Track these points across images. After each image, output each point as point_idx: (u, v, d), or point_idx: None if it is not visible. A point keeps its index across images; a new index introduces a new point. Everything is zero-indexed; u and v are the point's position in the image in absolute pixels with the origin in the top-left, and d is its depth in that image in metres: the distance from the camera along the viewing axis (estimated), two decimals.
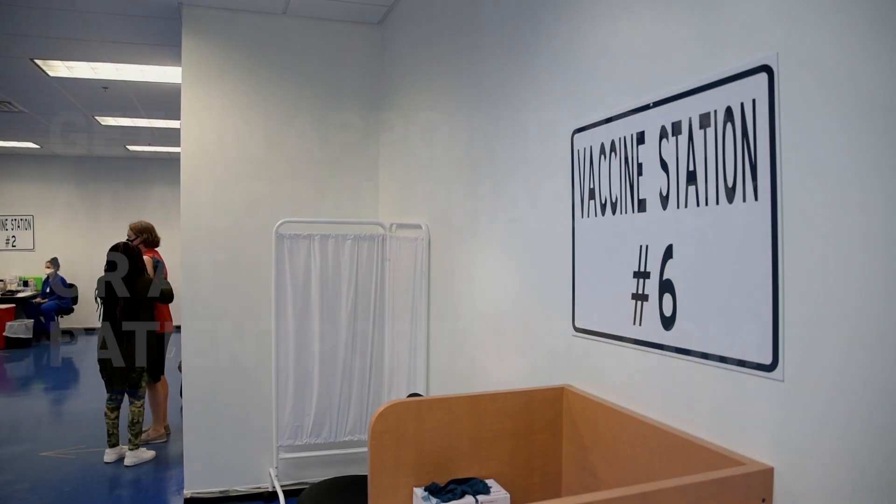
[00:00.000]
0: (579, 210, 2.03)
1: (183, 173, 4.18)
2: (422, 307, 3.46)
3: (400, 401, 1.87)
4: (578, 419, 1.97)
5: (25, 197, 11.90)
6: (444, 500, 1.79)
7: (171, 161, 12.08)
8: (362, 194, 4.49)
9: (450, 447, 1.93)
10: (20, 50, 5.27)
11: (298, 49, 4.36)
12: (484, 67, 2.79)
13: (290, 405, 4.08)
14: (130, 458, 5.15)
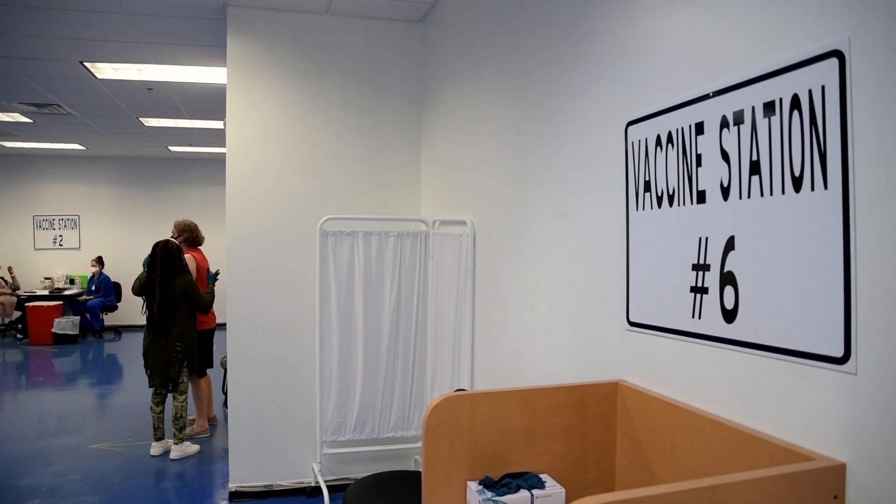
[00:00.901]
0: (634, 203, 2.00)
1: (228, 171, 4.24)
2: (466, 304, 3.46)
3: (454, 394, 1.86)
4: (633, 414, 1.95)
5: (71, 197, 12.20)
6: (498, 493, 1.79)
7: (211, 161, 12.29)
8: (405, 191, 4.50)
9: (503, 441, 1.92)
10: (70, 53, 5.39)
11: (341, 47, 4.38)
12: (532, 62, 2.78)
13: (333, 401, 4.11)
14: (175, 452, 5.25)
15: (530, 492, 1.81)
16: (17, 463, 5.18)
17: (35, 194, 12.10)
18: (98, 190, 12.28)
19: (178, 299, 5.22)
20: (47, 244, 12.10)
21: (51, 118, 8.25)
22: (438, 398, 1.84)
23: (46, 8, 4.34)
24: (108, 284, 11.41)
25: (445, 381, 3.79)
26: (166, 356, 5.18)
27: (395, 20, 4.44)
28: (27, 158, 11.95)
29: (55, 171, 12.11)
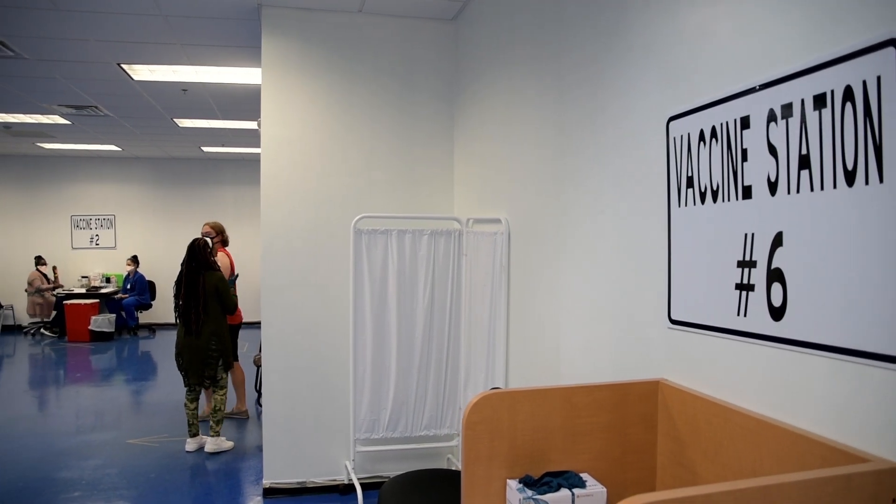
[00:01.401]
0: (676, 199, 1.97)
1: (263, 171, 4.27)
2: (501, 302, 3.44)
3: (494, 391, 1.85)
4: (675, 413, 1.92)
5: (107, 197, 12.43)
6: (539, 492, 1.77)
7: (242, 162, 12.43)
8: (438, 190, 4.50)
9: (543, 439, 1.91)
10: (108, 55, 5.49)
11: (374, 46, 4.40)
12: (569, 58, 2.76)
13: (367, 399, 4.13)
14: (210, 445, 5.35)
15: (571, 491, 1.79)
16: (58, 456, 5.29)
17: (72, 194, 12.35)
18: (133, 190, 12.49)
19: (209, 296, 5.28)
20: (84, 243, 12.34)
21: (88, 120, 8.40)
22: (479, 395, 1.83)
23: (86, 11, 4.42)
24: (143, 283, 11.60)
25: (479, 380, 3.78)
26: (202, 355, 5.25)
27: (428, 19, 4.44)
28: (65, 159, 12.19)
29: (92, 172, 12.35)
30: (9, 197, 12.17)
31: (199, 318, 5.22)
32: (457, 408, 4.25)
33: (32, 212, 12.19)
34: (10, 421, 6.36)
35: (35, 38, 5.01)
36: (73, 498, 4.41)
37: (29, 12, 4.44)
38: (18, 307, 12.00)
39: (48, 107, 7.61)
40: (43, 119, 8.38)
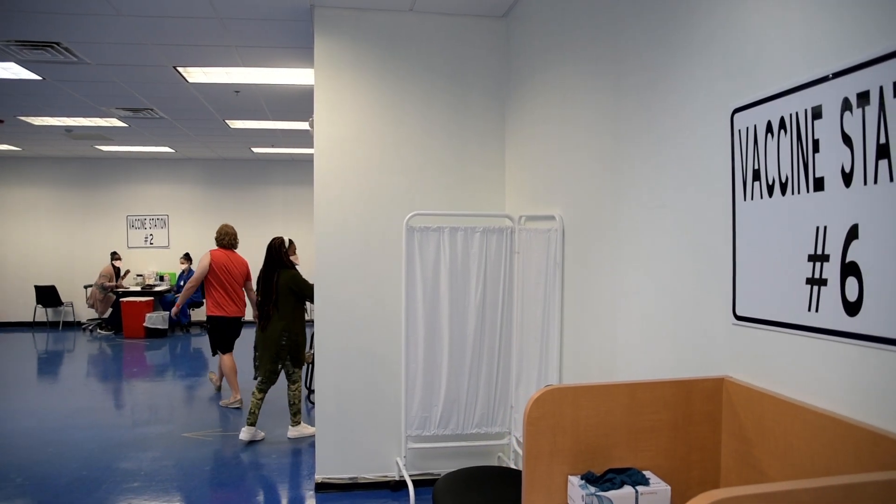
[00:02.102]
0: (741, 192, 1.93)
1: (316, 169, 4.33)
2: (555, 300, 3.42)
3: (556, 387, 1.84)
4: (741, 411, 1.88)
5: (161, 198, 12.76)
6: (602, 489, 1.75)
7: (292, 162, 12.62)
8: (489, 187, 4.49)
9: (605, 436, 1.89)
10: (165, 59, 5.63)
11: (424, 44, 4.41)
12: (626, 51, 2.72)
13: (418, 396, 4.14)
14: (292, 432, 5.62)
15: (635, 488, 1.77)
16: (117, 447, 5.44)
17: (128, 195, 12.71)
18: (185, 191, 12.79)
19: (283, 294, 5.45)
20: (139, 242, 12.69)
21: (144, 122, 8.63)
22: (541, 390, 1.82)
23: (145, 16, 4.54)
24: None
25: (532, 378, 3.76)
26: (273, 349, 5.44)
27: (479, 16, 4.44)
28: (121, 161, 12.55)
29: (146, 173, 12.69)
30: (69, 198, 12.59)
31: (272, 314, 5.44)
32: (508, 406, 4.23)
33: (91, 212, 12.59)
34: (73, 413, 6.58)
35: (97, 43, 5.16)
36: (133, 488, 4.53)
37: (93, 18, 4.58)
38: (78, 304, 12.40)
39: (107, 110, 7.84)
40: (102, 122, 8.64)
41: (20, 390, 7.78)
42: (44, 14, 4.52)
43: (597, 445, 1.88)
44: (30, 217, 12.54)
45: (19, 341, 11.21)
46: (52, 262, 12.46)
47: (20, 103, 7.50)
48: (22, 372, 8.99)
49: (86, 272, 12.12)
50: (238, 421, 6.09)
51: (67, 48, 5.26)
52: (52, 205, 12.59)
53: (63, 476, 4.75)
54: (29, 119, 8.47)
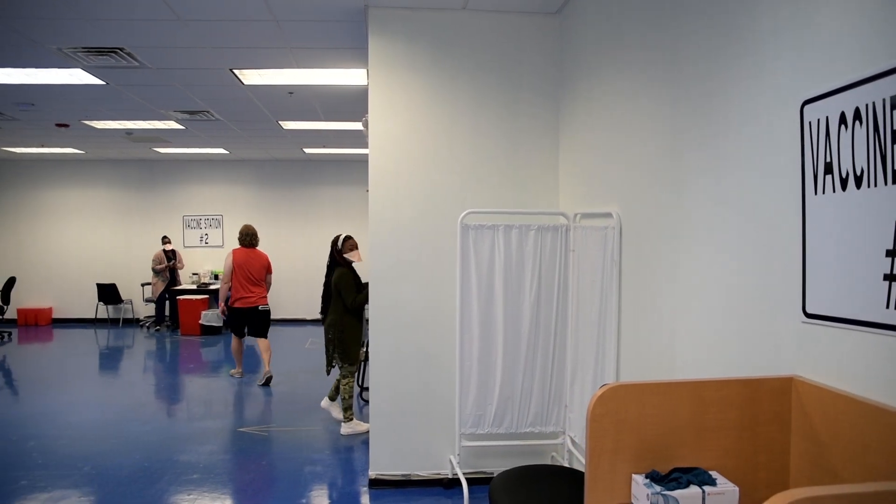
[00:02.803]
0: (812, 186, 1.87)
1: (371, 168, 4.36)
2: (612, 298, 3.38)
3: (620, 384, 1.82)
4: (812, 412, 1.83)
5: (215, 198, 13.06)
6: (667, 488, 1.73)
7: (343, 163, 12.76)
8: (543, 185, 4.46)
9: (670, 434, 1.86)
10: (222, 62, 5.75)
11: (477, 42, 4.41)
12: (686, 44, 2.67)
13: (472, 394, 4.14)
14: (344, 429, 5.75)
15: (701, 488, 1.74)
16: (177, 440, 5.60)
17: (184, 196, 13.04)
18: (239, 191, 13.06)
19: (333, 291, 5.70)
20: (195, 242, 13.01)
21: (200, 124, 8.84)
22: (605, 387, 1.81)
23: (204, 20, 4.65)
24: None
25: (587, 377, 3.72)
26: (325, 342, 5.76)
27: (532, 13, 4.42)
28: (177, 163, 12.89)
29: (201, 174, 13.00)
30: (128, 198, 12.99)
31: (325, 309, 5.79)
32: (562, 405, 4.20)
33: (149, 212, 12.96)
34: (133, 406, 6.78)
35: (157, 47, 5.31)
36: (193, 480, 4.65)
37: (154, 24, 4.71)
38: (136, 302, 12.78)
39: (165, 112, 8.06)
40: (160, 125, 8.88)
41: (84, 384, 8.07)
42: (109, 21, 4.67)
43: (661, 444, 1.85)
44: (91, 217, 12.98)
45: (82, 337, 11.61)
46: (113, 261, 12.87)
47: (85, 108, 7.77)
48: (85, 366, 9.31)
49: (144, 271, 12.47)
50: (293, 417, 6.19)
51: (130, 53, 5.42)
52: (113, 205, 13.01)
53: (126, 466, 4.91)
54: (92, 123, 8.76)
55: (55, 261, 12.95)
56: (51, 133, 9.53)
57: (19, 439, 5.60)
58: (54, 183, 12.95)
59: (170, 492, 4.45)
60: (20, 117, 8.32)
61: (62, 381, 8.06)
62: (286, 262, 12.59)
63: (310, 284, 10.86)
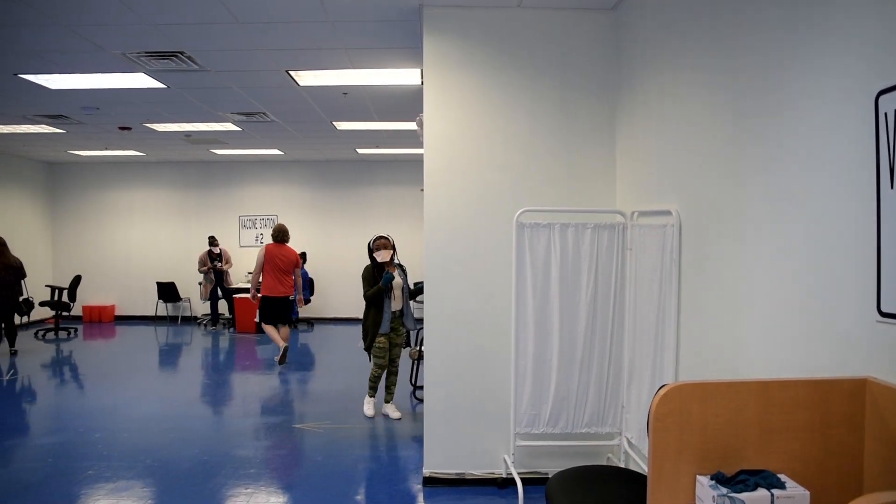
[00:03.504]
0: (888, 180, 1.80)
1: (426, 167, 4.37)
2: (671, 297, 3.31)
3: (684, 383, 1.78)
4: (888, 415, 1.75)
5: (270, 198, 13.30)
6: (734, 490, 1.68)
7: (395, 163, 12.85)
8: (599, 183, 4.40)
9: (735, 435, 1.81)
10: (278, 63, 5.85)
11: (531, 40, 4.38)
12: (748, 36, 2.60)
13: (527, 393, 4.12)
14: (365, 408, 6.30)
15: (770, 491, 1.68)
16: (234, 435, 5.72)
17: (240, 196, 13.32)
18: (293, 191, 13.28)
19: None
20: (250, 241, 13.27)
21: (256, 126, 9.01)
22: (668, 386, 1.77)
23: (261, 22, 4.74)
24: (305, 279, 12.28)
25: (645, 377, 3.66)
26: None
27: (587, 9, 4.37)
28: (233, 164, 13.18)
29: (256, 175, 13.26)
30: (186, 199, 13.34)
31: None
32: (619, 406, 4.14)
33: (206, 212, 13.28)
34: (192, 401, 6.97)
35: (216, 50, 5.44)
36: (250, 474, 4.74)
37: (213, 27, 4.82)
38: (194, 300, 13.11)
39: (222, 115, 8.24)
40: (217, 126, 9.09)
41: (145, 379, 8.31)
42: (170, 25, 4.80)
43: (726, 445, 1.81)
44: (152, 217, 13.38)
45: (143, 334, 11.97)
46: (172, 260, 13.23)
47: (146, 111, 8.00)
48: (146, 362, 9.59)
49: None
50: (346, 415, 6.26)
51: (190, 56, 5.56)
52: (172, 206, 13.38)
53: (185, 460, 5.03)
54: (153, 126, 9.02)
55: (118, 260, 13.40)
56: (114, 136, 9.86)
57: (86, 431, 5.80)
58: (117, 184, 13.40)
59: (228, 485, 4.54)
60: (86, 121, 8.62)
61: (124, 376, 8.31)
62: (339, 263, 12.75)
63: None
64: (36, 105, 7.62)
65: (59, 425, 6.09)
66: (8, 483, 4.61)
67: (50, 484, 4.58)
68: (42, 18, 4.63)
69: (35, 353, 9.80)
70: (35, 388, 7.78)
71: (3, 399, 7.17)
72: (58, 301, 11.25)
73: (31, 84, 6.48)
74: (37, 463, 5.01)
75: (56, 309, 11.22)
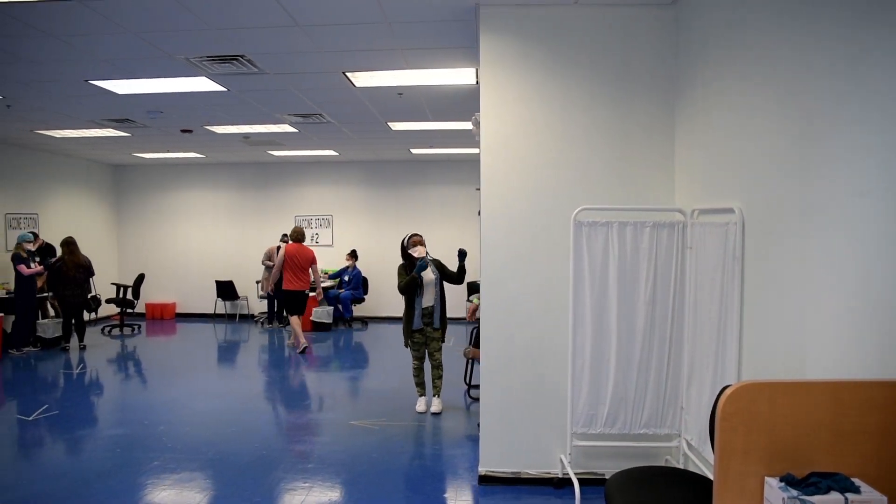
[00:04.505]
0: None
1: (483, 165, 4.38)
2: (734, 296, 3.24)
3: (752, 382, 1.75)
4: None
5: (325, 199, 13.49)
6: (805, 492, 1.64)
7: (448, 163, 12.89)
8: (657, 181, 4.33)
9: (805, 437, 1.76)
10: (335, 65, 5.94)
11: (589, 37, 4.34)
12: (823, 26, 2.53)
13: (585, 393, 4.09)
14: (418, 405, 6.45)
15: (843, 495, 1.64)
16: (292, 431, 5.84)
17: (295, 196, 13.55)
18: (348, 191, 13.44)
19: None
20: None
21: (312, 127, 9.16)
22: (735, 385, 1.74)
23: (319, 25, 4.82)
24: (359, 278, 12.43)
25: (706, 378, 3.59)
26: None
27: (646, 5, 4.31)
28: (289, 165, 13.42)
29: (312, 176, 13.47)
30: (243, 200, 13.65)
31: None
32: (678, 407, 4.07)
33: (263, 212, 13.56)
34: (250, 397, 7.13)
35: (275, 53, 5.55)
36: (308, 469, 4.83)
37: (273, 30, 4.93)
38: (252, 298, 13.40)
39: (280, 116, 8.40)
40: (275, 128, 9.27)
41: (205, 374, 8.54)
42: (232, 30, 4.92)
43: (795, 447, 1.76)
44: (211, 218, 13.73)
45: (202, 331, 12.30)
46: (230, 259, 13.55)
47: (207, 114, 8.22)
48: (205, 358, 9.86)
49: (258, 269, 13.05)
50: (401, 413, 6.32)
51: (250, 60, 5.69)
52: (230, 206, 13.71)
53: (245, 454, 5.16)
54: (213, 128, 9.26)
55: (178, 259, 13.80)
56: (176, 138, 10.15)
57: (150, 423, 6.00)
58: (177, 185, 13.80)
59: (286, 479, 4.64)
60: (150, 124, 8.91)
61: (185, 372, 8.56)
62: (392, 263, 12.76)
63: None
64: (104, 110, 7.92)
65: (126, 417, 6.32)
66: (81, 470, 4.81)
67: (120, 472, 4.76)
68: (113, 27, 4.81)
69: (102, 348, 10.19)
70: (102, 381, 8.08)
71: (74, 391, 7.48)
72: (122, 298, 11.64)
73: (101, 90, 6.74)
74: (106, 452, 5.21)
75: (121, 306, 11.62)
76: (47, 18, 4.65)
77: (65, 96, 7.15)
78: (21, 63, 5.81)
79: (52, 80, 6.44)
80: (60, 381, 7.99)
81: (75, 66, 5.89)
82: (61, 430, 5.90)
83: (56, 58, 5.63)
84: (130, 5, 4.43)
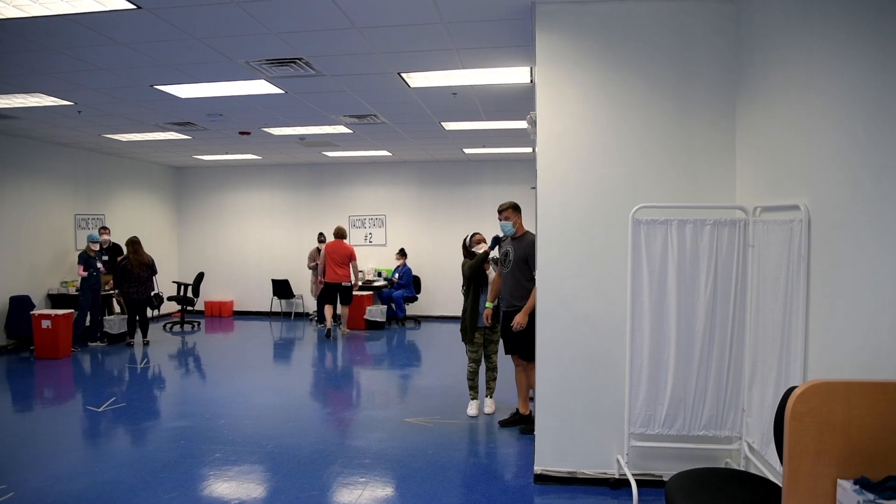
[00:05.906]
0: None
1: (539, 163, 4.38)
2: (798, 296, 3.16)
3: (824, 381, 1.71)
4: None
5: (379, 199, 13.64)
6: (882, 496, 1.60)
7: (500, 162, 12.89)
8: (717, 178, 4.24)
9: (882, 439, 1.72)
10: (390, 66, 6.00)
11: (647, 33, 4.29)
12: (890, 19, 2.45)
13: (643, 393, 4.05)
14: (469, 409, 6.34)
15: None
16: (348, 427, 5.94)
17: (349, 197, 13.73)
18: (401, 191, 13.55)
19: (464, 278, 6.39)
20: (359, 241, 13.65)
21: (367, 128, 9.27)
22: (807, 384, 1.70)
23: (375, 26, 4.89)
24: (410, 277, 12.52)
25: (769, 379, 3.51)
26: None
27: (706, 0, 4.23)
28: (344, 166, 13.61)
29: (366, 176, 13.63)
30: (299, 200, 13.90)
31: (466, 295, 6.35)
32: (739, 409, 3.99)
33: (318, 212, 13.78)
34: (307, 393, 7.28)
35: (332, 55, 5.65)
36: (365, 464, 4.90)
37: (331, 33, 5.02)
38: (307, 297, 13.63)
39: (335, 118, 8.53)
40: (330, 129, 9.42)
41: (262, 370, 8.75)
42: (291, 33, 5.03)
43: (871, 448, 1.72)
44: (267, 218, 14.03)
45: (259, 328, 12.57)
46: (286, 259, 13.81)
47: (264, 116, 8.41)
48: (262, 355, 10.09)
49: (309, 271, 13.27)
50: (455, 411, 6.35)
51: (308, 62, 5.80)
52: (286, 206, 13.98)
53: (304, 448, 5.26)
54: (270, 130, 9.46)
55: (236, 258, 14.14)
56: (234, 141, 10.41)
57: (212, 417, 6.17)
58: (235, 186, 14.14)
59: (344, 474, 4.72)
60: (210, 127, 9.16)
61: (243, 368, 8.79)
62: (445, 262, 12.88)
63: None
64: (167, 114, 8.18)
65: (188, 410, 6.52)
66: (147, 461, 4.99)
67: (184, 463, 4.92)
68: (178, 33, 4.97)
69: (164, 343, 10.52)
70: (165, 375, 8.35)
71: (139, 385, 7.76)
72: (183, 296, 11.99)
73: (164, 94, 6.97)
74: (171, 444, 5.39)
75: (181, 303, 11.97)
76: (120, 28, 4.84)
77: (131, 101, 7.41)
78: (96, 71, 6.05)
79: (120, 87, 6.69)
80: (126, 375, 8.29)
81: (142, 72, 6.11)
82: (128, 421, 6.12)
83: (126, 65, 5.85)
84: (196, 12, 4.57)
